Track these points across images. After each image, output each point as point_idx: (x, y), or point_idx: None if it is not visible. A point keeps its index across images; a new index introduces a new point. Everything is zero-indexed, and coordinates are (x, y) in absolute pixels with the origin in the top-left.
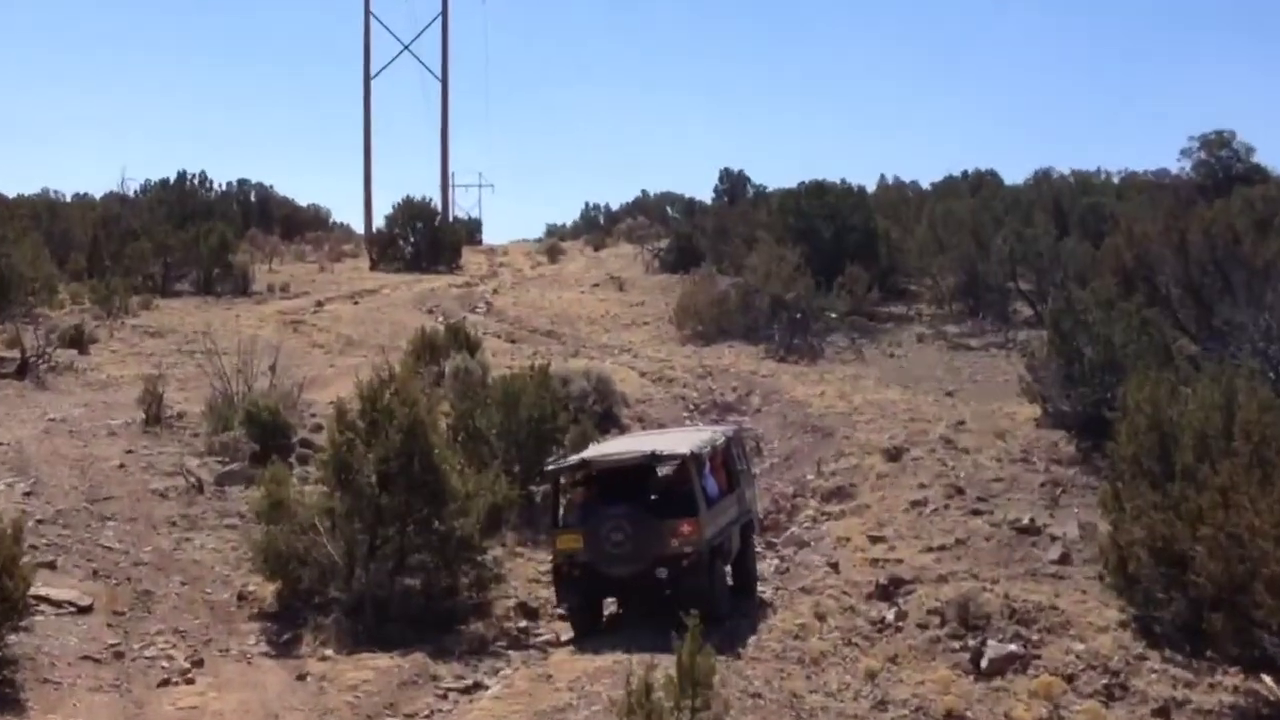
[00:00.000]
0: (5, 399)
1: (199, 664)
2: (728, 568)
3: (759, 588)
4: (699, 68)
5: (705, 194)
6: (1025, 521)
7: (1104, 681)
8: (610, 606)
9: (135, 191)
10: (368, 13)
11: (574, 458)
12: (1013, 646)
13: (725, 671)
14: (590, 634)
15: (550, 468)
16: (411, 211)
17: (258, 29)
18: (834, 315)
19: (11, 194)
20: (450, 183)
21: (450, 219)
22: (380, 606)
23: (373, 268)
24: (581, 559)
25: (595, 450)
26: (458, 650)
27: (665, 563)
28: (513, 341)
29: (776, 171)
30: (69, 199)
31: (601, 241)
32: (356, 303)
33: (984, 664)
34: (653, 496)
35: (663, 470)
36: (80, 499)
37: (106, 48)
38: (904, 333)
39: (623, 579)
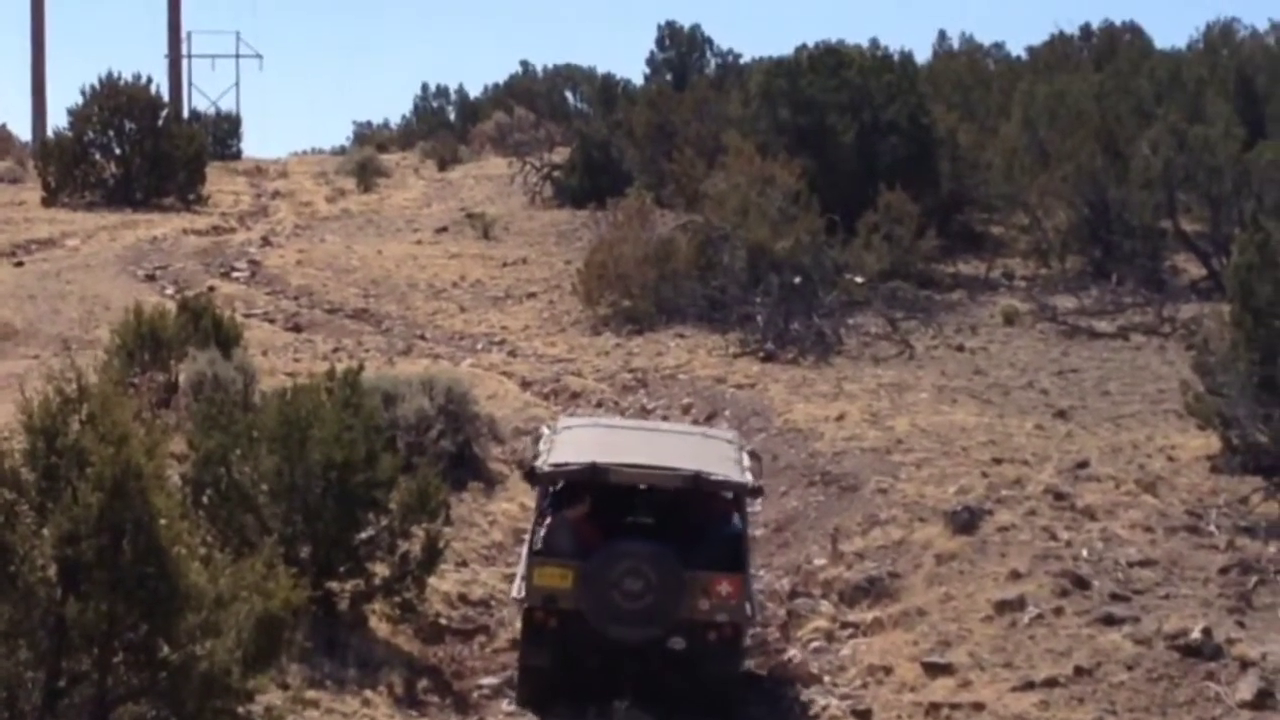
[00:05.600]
0: None
1: None
2: None
3: None
4: None
5: (634, 68)
6: (1195, 636)
7: None
8: None
9: None
10: None
11: (578, 459)
12: None
13: None
14: (541, 698)
15: (544, 467)
16: (115, 102)
17: None
18: (860, 281)
19: None
20: (185, 52)
21: (186, 116)
22: None
23: (48, 202)
24: (568, 604)
25: (590, 447)
26: None
27: (686, 631)
28: (297, 330)
29: (756, 29)
30: None
31: (452, 153)
32: (20, 263)
33: None
34: (681, 534)
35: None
36: None
37: None
38: (982, 309)
39: (623, 645)
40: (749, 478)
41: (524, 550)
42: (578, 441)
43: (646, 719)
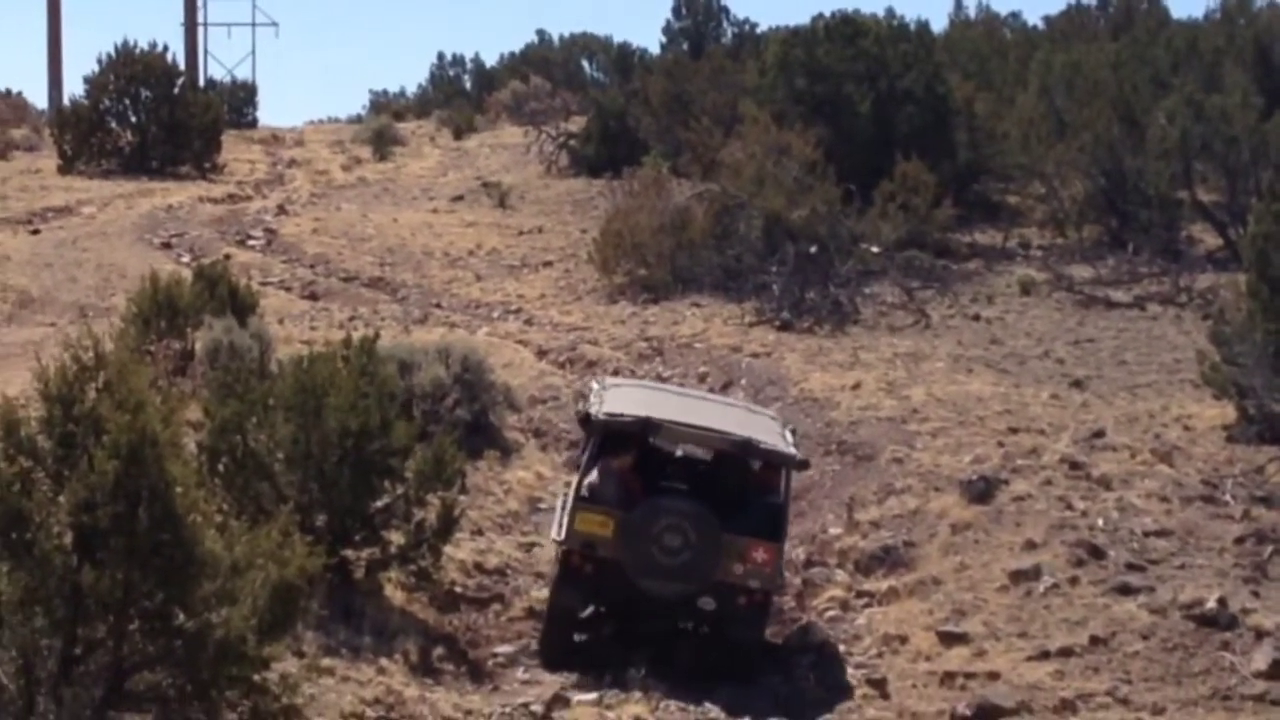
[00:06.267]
0: None
1: None
2: None
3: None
4: None
5: (650, 37)
6: (1210, 606)
7: None
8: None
9: None
10: None
11: (632, 412)
12: None
13: None
14: (563, 659)
15: (600, 416)
16: (131, 71)
17: None
18: (876, 250)
19: None
20: (201, 20)
21: (202, 84)
22: None
23: (64, 170)
24: (606, 553)
25: (642, 403)
26: None
27: (718, 592)
28: (314, 298)
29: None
30: None
31: (468, 122)
32: (36, 231)
33: None
34: (724, 498)
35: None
36: None
37: None
38: (998, 278)
39: (655, 599)
40: (790, 449)
41: (566, 495)
42: (629, 398)
43: (662, 687)
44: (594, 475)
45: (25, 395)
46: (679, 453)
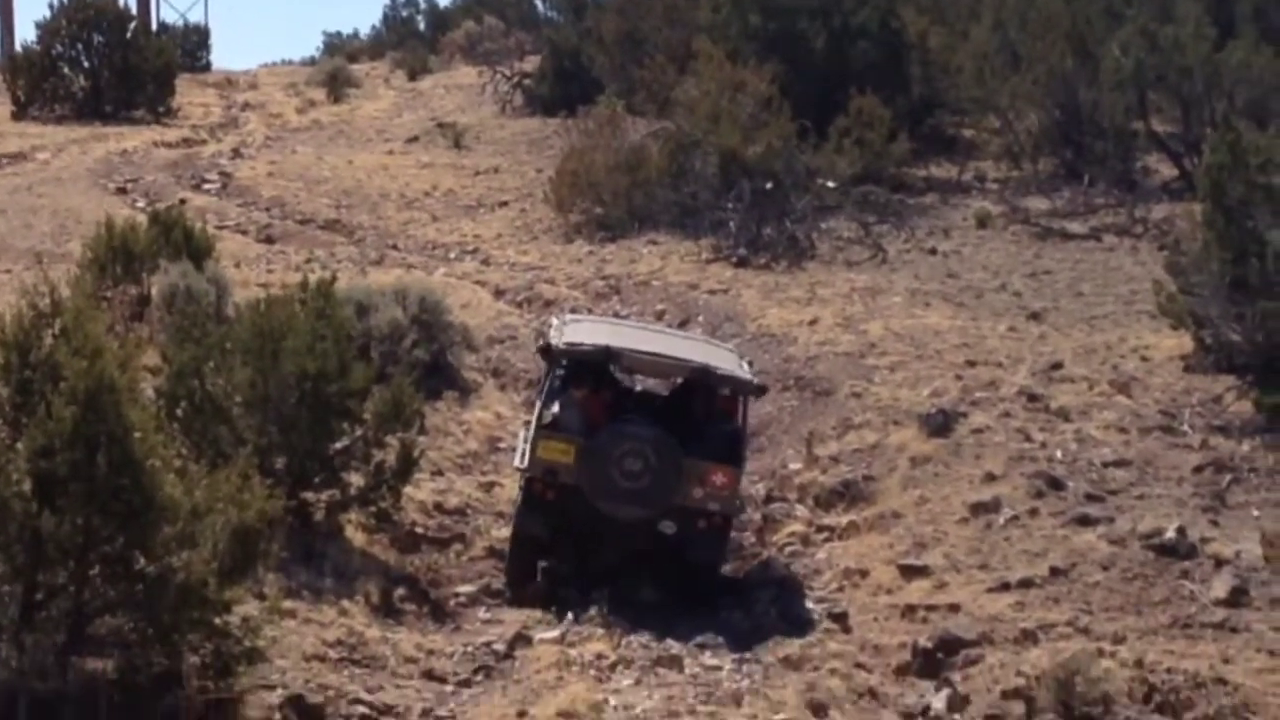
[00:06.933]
0: None
1: None
2: None
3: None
4: None
5: None
6: (1169, 535)
7: None
8: None
9: None
10: None
11: (592, 341)
12: None
13: None
14: (526, 586)
15: (558, 344)
16: (83, 16)
17: None
18: (832, 185)
19: None
20: None
21: (155, 28)
22: (45, 709)
23: (17, 116)
24: (568, 479)
25: (602, 334)
26: None
27: (678, 516)
28: (269, 241)
29: None
30: None
31: (422, 63)
32: None
33: None
34: (683, 426)
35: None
36: None
37: None
38: (954, 212)
39: (616, 524)
40: (749, 376)
41: (528, 427)
42: (589, 329)
43: (623, 624)
44: (556, 405)
45: None
46: (638, 387)
